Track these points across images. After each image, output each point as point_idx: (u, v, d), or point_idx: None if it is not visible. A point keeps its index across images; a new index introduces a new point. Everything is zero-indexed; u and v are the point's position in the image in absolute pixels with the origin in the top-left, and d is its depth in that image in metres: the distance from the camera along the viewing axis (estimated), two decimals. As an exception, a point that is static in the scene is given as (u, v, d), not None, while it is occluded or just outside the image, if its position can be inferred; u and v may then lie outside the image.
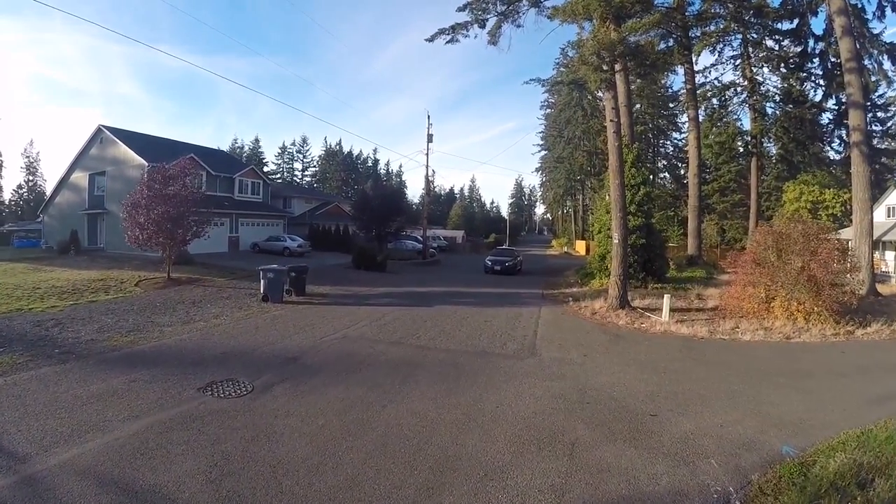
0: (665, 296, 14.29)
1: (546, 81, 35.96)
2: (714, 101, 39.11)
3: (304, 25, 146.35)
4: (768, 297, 13.51)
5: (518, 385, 7.77)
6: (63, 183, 35.43)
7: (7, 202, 62.49)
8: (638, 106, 45.00)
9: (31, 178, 63.85)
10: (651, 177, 38.52)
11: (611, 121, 16.00)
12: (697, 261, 28.92)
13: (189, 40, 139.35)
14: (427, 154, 36.34)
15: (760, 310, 13.39)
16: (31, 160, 63.89)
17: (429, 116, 37.48)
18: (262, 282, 15.78)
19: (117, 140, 30.43)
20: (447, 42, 18.61)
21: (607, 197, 22.32)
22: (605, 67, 14.65)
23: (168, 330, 10.96)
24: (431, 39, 18.92)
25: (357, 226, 38.00)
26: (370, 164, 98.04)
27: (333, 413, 6.21)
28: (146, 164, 26.23)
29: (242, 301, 15.39)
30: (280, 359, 8.89)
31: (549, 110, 69.73)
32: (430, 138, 36.30)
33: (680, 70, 34.03)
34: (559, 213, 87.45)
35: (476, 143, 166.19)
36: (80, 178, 33.24)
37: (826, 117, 37.64)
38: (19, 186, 62.44)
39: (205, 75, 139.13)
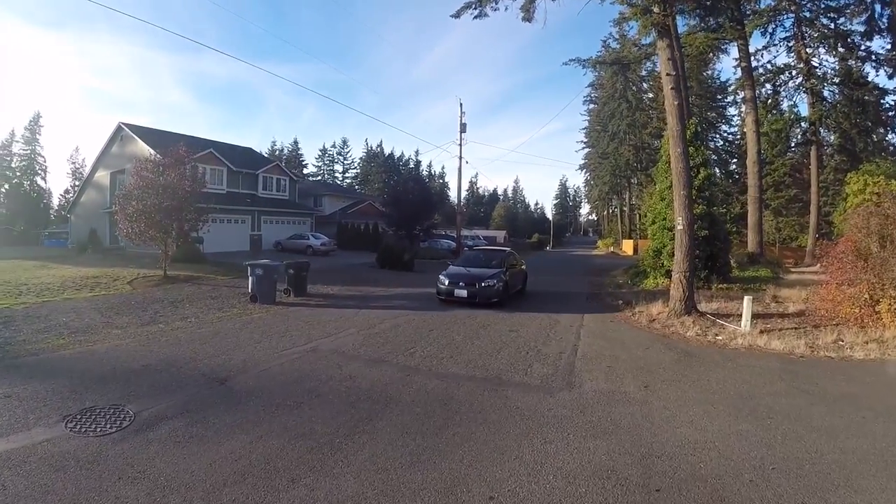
0: (745, 298, 11.38)
1: (587, 62, 33.83)
2: (767, 86, 35.84)
3: (345, 32, 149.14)
4: (873, 299, 10.70)
5: (538, 447, 4.86)
6: (87, 182, 35.88)
7: (56, 206, 64.90)
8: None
9: (76, 182, 66.61)
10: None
11: (667, 74, 13.21)
12: (759, 259, 25.91)
13: (233, 48, 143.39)
14: (460, 145, 34.33)
15: (863, 315, 10.75)
16: (77, 166, 66.45)
17: (461, 105, 35.08)
18: (249, 279, 13.88)
19: (136, 137, 30.15)
20: (475, 17, 16.71)
21: (660, 183, 20.22)
22: (655, 9, 12.02)
23: (116, 333, 9.62)
24: (458, 15, 17.08)
25: (387, 223, 36.27)
26: (412, 165, 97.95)
27: (199, 490, 3.89)
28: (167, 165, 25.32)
29: (229, 301, 13.73)
30: (206, 379, 6.78)
31: (592, 105, 68.74)
32: (463, 128, 34.45)
33: (726, 58, 30.96)
34: (604, 212, 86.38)
35: (520, 144, 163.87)
36: (103, 176, 33.32)
37: (890, 101, 34.05)
38: (66, 191, 64.65)
39: (250, 83, 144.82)
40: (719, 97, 50.71)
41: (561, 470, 4.38)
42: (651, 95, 56.87)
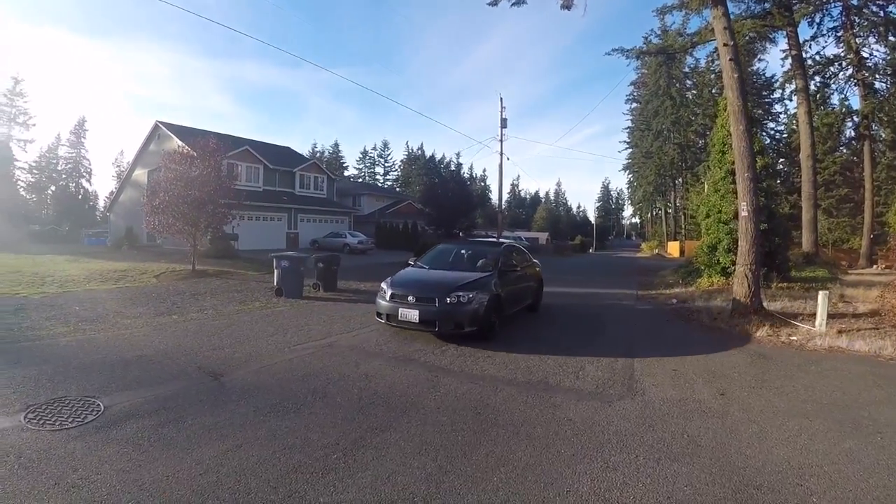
0: (819, 294, 9.92)
1: (630, 52, 32.31)
2: (816, 78, 33.34)
3: (387, 37, 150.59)
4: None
5: (598, 475, 3.75)
6: (126, 181, 36.81)
7: (101, 208, 67.58)
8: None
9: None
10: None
11: (724, 45, 11.90)
12: (814, 259, 23.81)
13: (274, 54, 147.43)
14: (501, 140, 33.37)
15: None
16: (121, 169, 68.51)
17: (501, 100, 34.12)
18: (275, 272, 13.27)
19: (172, 135, 30.62)
20: (513, 4, 16.00)
21: (713, 173, 18.85)
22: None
23: (125, 322, 9.19)
24: (495, 3, 16.22)
25: (426, 222, 35.66)
26: (452, 168, 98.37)
27: None
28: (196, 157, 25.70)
29: (253, 295, 13.24)
30: (200, 372, 6.05)
31: (634, 104, 66.76)
32: (503, 123, 33.58)
33: (769, 56, 29.49)
34: (648, 214, 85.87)
35: (561, 147, 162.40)
36: (140, 175, 34.13)
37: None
38: (110, 193, 66.86)
39: (288, 87, 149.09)
40: (765, 93, 48.97)
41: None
42: (694, 92, 55.87)
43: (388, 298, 8.29)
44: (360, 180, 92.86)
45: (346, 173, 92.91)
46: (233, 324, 9.28)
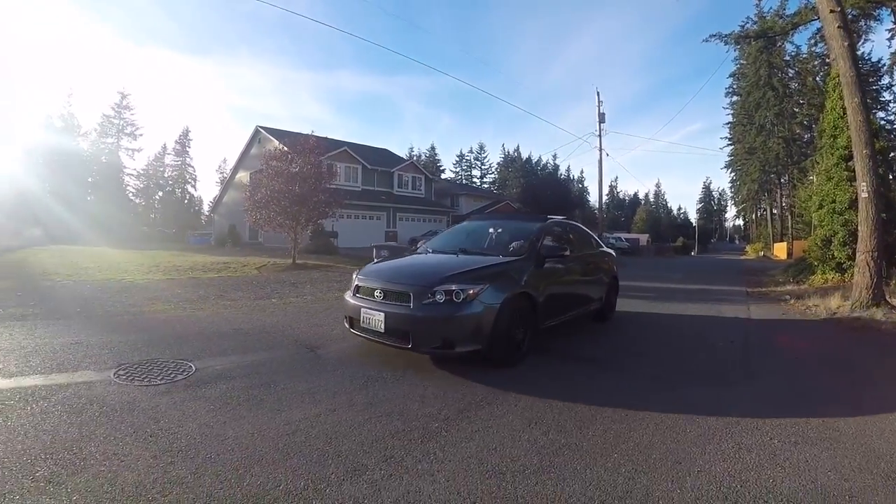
0: None
1: (728, 37, 31.42)
2: None
3: (480, 40, 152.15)
4: None
5: (732, 455, 3.28)
6: (229, 183, 39.39)
7: (206, 212, 73.35)
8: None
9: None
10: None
11: (831, 12, 10.62)
12: None
13: (370, 63, 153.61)
14: (600, 135, 32.05)
15: None
16: (224, 175, 74.10)
17: (598, 94, 32.58)
18: (374, 261, 13.25)
19: (272, 138, 32.36)
20: None
21: (825, 159, 17.62)
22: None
23: (225, 304, 9.47)
24: None
25: (523, 220, 35.19)
26: (549, 169, 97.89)
27: (220, 464, 2.87)
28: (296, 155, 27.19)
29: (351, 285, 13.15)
30: (296, 344, 6.01)
31: (735, 98, 63.15)
32: (601, 118, 32.29)
33: (878, 31, 26.51)
34: (753, 215, 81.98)
35: (661, 142, 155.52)
36: (242, 177, 36.47)
37: None
38: (214, 198, 72.15)
39: (384, 94, 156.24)
40: (871, 80, 44.62)
41: (773, 492, 2.77)
42: (798, 82, 53.27)
43: (352, 295, 5.67)
44: (457, 183, 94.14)
45: (443, 177, 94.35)
46: (331, 307, 9.24)
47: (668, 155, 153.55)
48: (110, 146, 63.61)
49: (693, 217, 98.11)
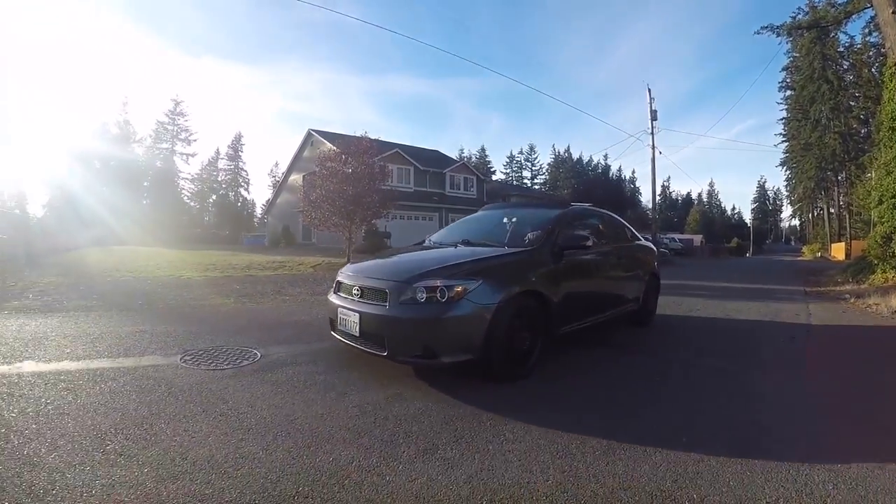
0: None
1: (780, 28, 31.81)
2: None
3: (528, 40, 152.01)
4: None
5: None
6: (282, 186, 40.76)
7: (259, 215, 76.10)
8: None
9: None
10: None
11: None
12: None
13: (418, 66, 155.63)
14: (652, 133, 31.21)
15: None
16: (276, 179, 76.31)
17: (649, 90, 31.63)
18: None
19: (324, 140, 33.00)
20: None
21: (885, 152, 16.62)
22: None
23: (283, 298, 9.74)
24: None
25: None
26: (600, 170, 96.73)
27: (291, 441, 2.89)
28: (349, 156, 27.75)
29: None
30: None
31: (789, 92, 60.85)
32: (653, 115, 31.40)
33: None
34: (809, 214, 79.81)
35: (712, 145, 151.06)
36: (295, 179, 37.52)
37: None
38: (267, 201, 74.31)
39: (433, 97, 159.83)
40: None
41: None
42: (853, 74, 50.85)
43: (334, 291, 4.94)
44: (509, 184, 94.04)
45: (494, 178, 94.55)
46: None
47: (722, 153, 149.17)
48: (165, 151, 66.92)
49: (747, 217, 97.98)
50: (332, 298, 4.77)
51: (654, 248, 8.36)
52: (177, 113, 68.67)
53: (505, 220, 5.78)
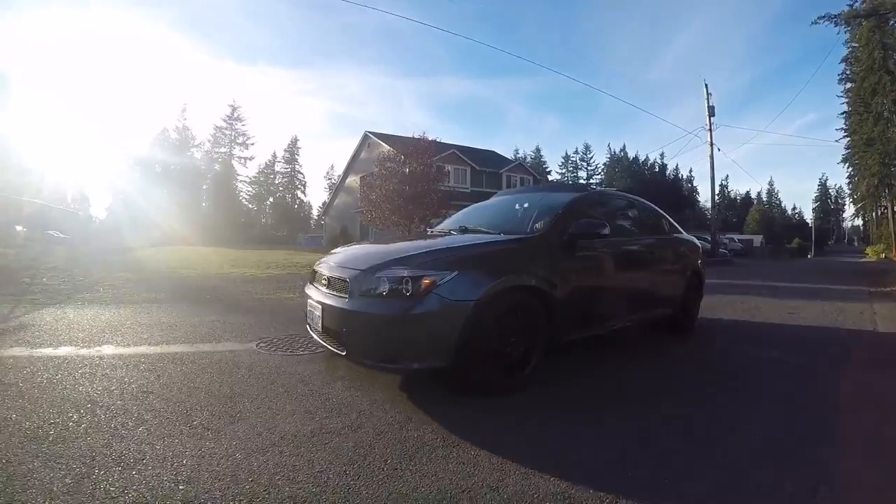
0: None
1: (838, 17, 31.06)
2: None
3: (578, 39, 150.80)
4: None
5: None
6: (339, 188, 41.91)
7: (315, 216, 77.92)
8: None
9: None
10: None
11: None
12: None
13: (469, 67, 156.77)
14: (710, 129, 30.30)
15: None
16: (332, 181, 78.41)
17: (706, 86, 30.69)
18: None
19: (380, 142, 33.60)
20: None
21: None
22: None
23: None
24: None
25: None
26: (657, 169, 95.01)
27: (375, 425, 2.92)
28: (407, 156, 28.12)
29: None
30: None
31: (849, 84, 57.99)
32: (711, 111, 30.63)
33: None
34: (873, 213, 75.40)
35: (771, 142, 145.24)
36: (353, 181, 38.39)
37: None
38: (323, 203, 76.01)
39: (485, 98, 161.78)
40: None
41: None
42: None
43: (309, 282, 4.33)
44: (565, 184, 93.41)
45: (550, 178, 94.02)
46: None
47: (781, 150, 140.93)
48: (223, 155, 69.90)
49: (808, 217, 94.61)
50: (306, 289, 4.21)
51: (698, 244, 7.14)
52: (234, 118, 71.77)
53: (517, 206, 5.23)
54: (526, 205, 5.06)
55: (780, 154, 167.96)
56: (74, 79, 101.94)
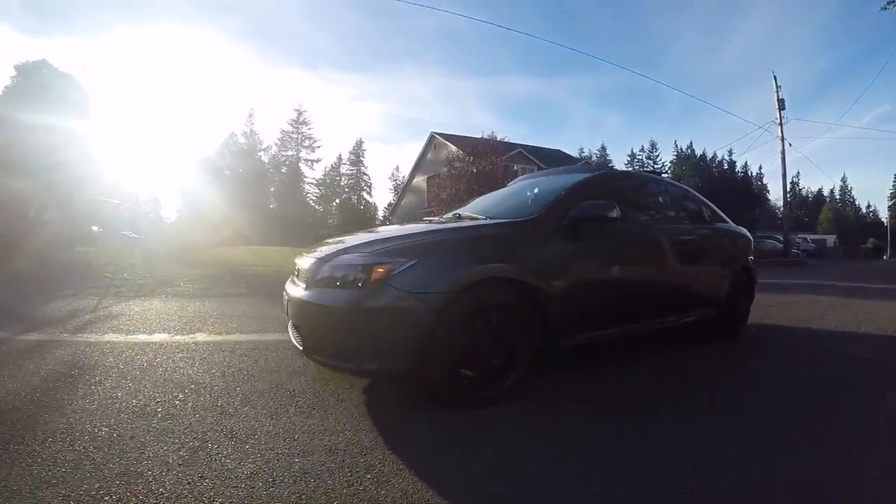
0: None
1: None
2: None
3: (640, 33, 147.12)
4: None
5: None
6: (406, 188, 42.98)
7: (381, 217, 79.48)
8: None
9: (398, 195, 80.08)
10: None
11: None
12: None
13: (531, 66, 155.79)
14: (780, 124, 28.81)
15: None
16: (398, 182, 79.63)
17: (775, 78, 29.05)
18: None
19: (448, 143, 33.79)
20: None
21: None
22: None
23: None
24: None
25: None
26: (725, 166, 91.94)
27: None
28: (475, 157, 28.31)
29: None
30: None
31: None
32: (781, 104, 29.01)
33: None
34: None
35: (844, 135, 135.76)
36: (420, 181, 39.02)
37: None
38: (389, 204, 77.17)
39: (548, 96, 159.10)
40: None
41: None
42: None
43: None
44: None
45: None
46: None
47: (853, 144, 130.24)
48: (290, 158, 72.29)
49: (884, 216, 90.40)
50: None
51: (748, 236, 6.20)
52: (300, 122, 74.16)
53: (528, 191, 4.53)
54: (536, 189, 4.46)
55: (852, 148, 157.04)
56: (148, 88, 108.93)
